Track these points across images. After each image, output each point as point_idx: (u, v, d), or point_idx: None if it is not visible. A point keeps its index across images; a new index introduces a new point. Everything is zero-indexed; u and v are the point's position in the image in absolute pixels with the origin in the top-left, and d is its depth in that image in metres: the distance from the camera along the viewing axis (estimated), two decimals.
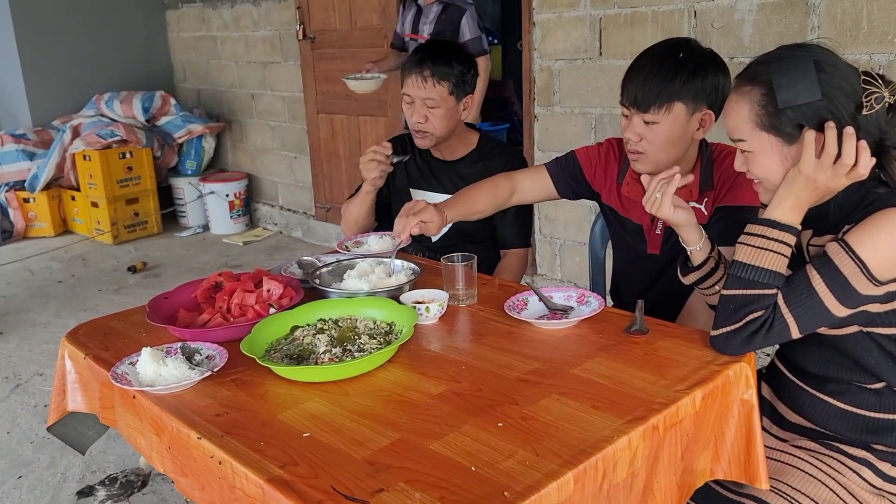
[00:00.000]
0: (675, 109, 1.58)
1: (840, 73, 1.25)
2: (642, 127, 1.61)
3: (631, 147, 1.65)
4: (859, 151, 1.21)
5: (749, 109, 1.29)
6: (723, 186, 1.70)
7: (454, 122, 2.15)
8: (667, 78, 1.56)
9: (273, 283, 1.64)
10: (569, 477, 1.02)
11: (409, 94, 2.12)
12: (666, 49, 1.62)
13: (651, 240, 1.81)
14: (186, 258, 4.91)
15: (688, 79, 1.56)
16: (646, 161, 1.65)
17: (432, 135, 2.13)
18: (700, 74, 1.57)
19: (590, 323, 1.53)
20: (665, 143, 1.61)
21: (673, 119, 1.59)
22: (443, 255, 1.72)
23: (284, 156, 5.29)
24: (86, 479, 2.42)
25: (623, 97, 1.64)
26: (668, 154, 1.63)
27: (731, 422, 1.32)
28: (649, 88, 1.57)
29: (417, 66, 2.08)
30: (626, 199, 1.82)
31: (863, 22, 2.42)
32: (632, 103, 1.61)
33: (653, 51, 1.64)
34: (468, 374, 1.33)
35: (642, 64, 1.61)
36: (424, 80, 2.07)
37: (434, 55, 2.09)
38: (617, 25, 3.08)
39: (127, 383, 1.32)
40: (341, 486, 1.02)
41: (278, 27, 4.95)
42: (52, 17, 5.47)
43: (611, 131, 3.19)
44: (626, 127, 1.65)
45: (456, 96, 2.10)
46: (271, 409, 1.25)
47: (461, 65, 2.10)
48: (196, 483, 1.21)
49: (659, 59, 1.60)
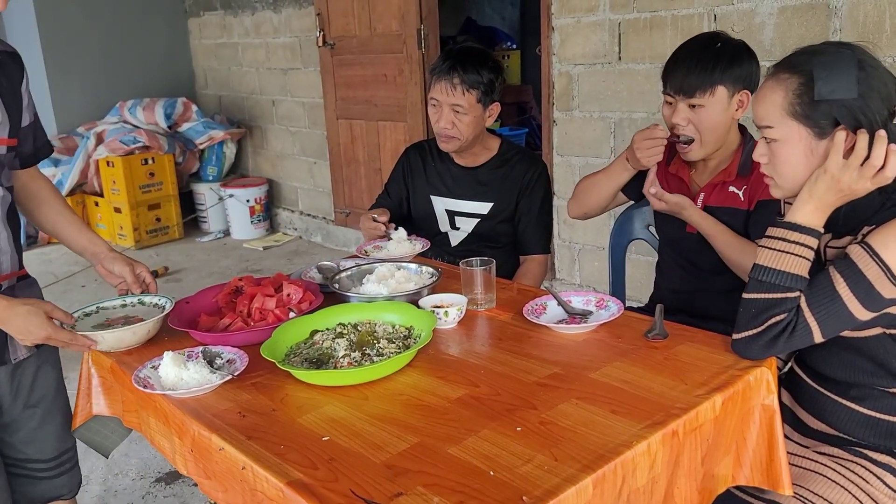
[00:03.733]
0: (718, 92, 1.71)
1: (880, 76, 1.24)
2: (688, 111, 1.75)
3: (682, 136, 1.78)
4: (889, 155, 1.20)
5: (783, 97, 1.29)
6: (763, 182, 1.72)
7: (480, 128, 2.16)
8: (708, 65, 1.70)
9: (293, 287, 1.65)
10: (588, 482, 1.02)
11: (437, 99, 2.11)
12: (703, 41, 1.78)
13: None
14: (207, 263, 4.96)
15: (727, 65, 1.70)
16: (696, 149, 1.78)
17: (458, 140, 2.14)
18: (737, 61, 1.72)
19: (609, 327, 1.53)
20: (711, 124, 1.74)
21: (716, 101, 1.72)
22: (462, 259, 1.72)
23: (304, 161, 5.32)
24: (108, 481, 2.45)
25: (667, 87, 1.78)
26: (715, 135, 1.76)
27: (753, 427, 1.31)
28: (694, 75, 1.71)
29: (447, 73, 2.07)
30: (672, 178, 1.93)
31: (885, 24, 2.39)
32: (678, 90, 1.75)
33: (691, 44, 1.78)
34: (487, 379, 1.34)
35: (683, 55, 1.75)
36: (454, 88, 2.07)
37: (464, 62, 2.08)
38: (636, 30, 3.07)
39: (149, 387, 1.34)
40: (360, 490, 1.03)
41: (298, 34, 4.99)
42: (76, 26, 5.56)
43: (630, 135, 3.18)
44: (670, 115, 1.79)
45: (483, 104, 2.11)
46: (291, 412, 1.26)
47: (490, 73, 2.10)
48: (219, 485, 1.22)
49: (699, 50, 1.74)
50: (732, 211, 1.81)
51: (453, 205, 2.27)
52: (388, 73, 4.38)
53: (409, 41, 4.16)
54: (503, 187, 2.21)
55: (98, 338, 1.49)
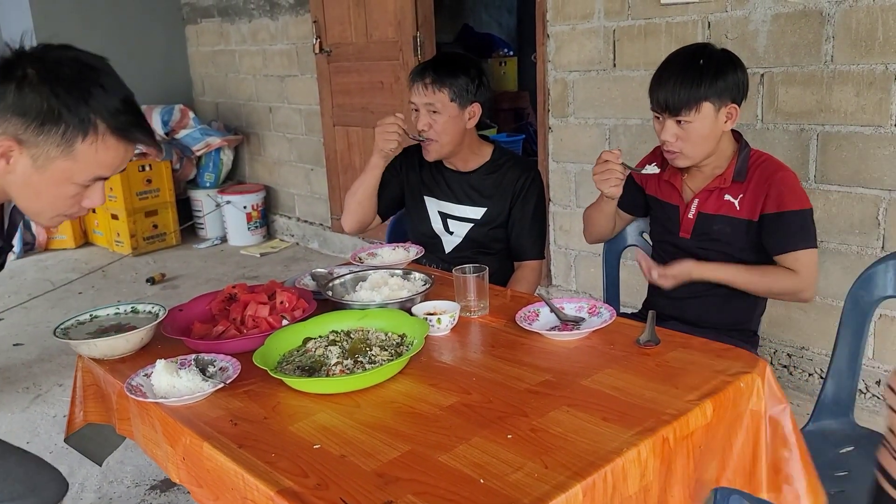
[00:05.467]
0: (704, 108, 1.73)
1: None
2: (676, 128, 1.76)
3: (668, 147, 1.80)
4: None
5: None
6: (768, 196, 1.78)
7: (459, 130, 2.16)
8: (693, 84, 1.72)
9: (286, 294, 1.65)
10: (577, 489, 1.02)
11: (414, 102, 2.16)
12: (686, 56, 1.78)
13: (684, 223, 1.91)
14: (204, 270, 4.96)
15: (712, 80, 1.72)
16: (683, 158, 1.80)
17: (437, 143, 2.14)
18: (721, 75, 1.73)
19: (601, 334, 1.53)
20: (698, 139, 1.76)
21: (703, 117, 1.74)
22: (455, 266, 1.72)
23: (301, 168, 5.33)
24: (103, 489, 2.45)
25: (653, 104, 1.79)
26: (702, 148, 1.79)
27: (741, 432, 1.31)
28: (678, 95, 1.73)
29: (420, 74, 2.13)
30: (664, 184, 1.97)
31: (878, 32, 2.40)
32: (663, 109, 1.76)
33: (674, 60, 1.80)
34: (478, 386, 1.34)
35: (667, 74, 1.76)
36: (426, 87, 2.11)
37: (436, 63, 2.14)
38: (631, 37, 3.08)
39: (141, 395, 1.34)
40: (350, 499, 1.03)
41: (295, 41, 5.00)
42: (73, 33, 5.51)
43: (625, 142, 3.19)
44: (660, 130, 1.81)
45: (459, 104, 2.12)
46: (283, 420, 1.26)
47: (465, 74, 2.11)
48: (210, 494, 1.22)
49: (682, 68, 1.75)
50: (727, 219, 1.82)
51: (446, 208, 2.27)
52: (384, 81, 4.39)
53: (406, 48, 4.17)
54: (496, 193, 2.22)
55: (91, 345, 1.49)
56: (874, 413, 2.64)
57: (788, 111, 2.68)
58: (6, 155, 1.23)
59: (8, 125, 1.21)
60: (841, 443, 1.68)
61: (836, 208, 2.62)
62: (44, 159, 1.23)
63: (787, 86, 2.66)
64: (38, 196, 1.28)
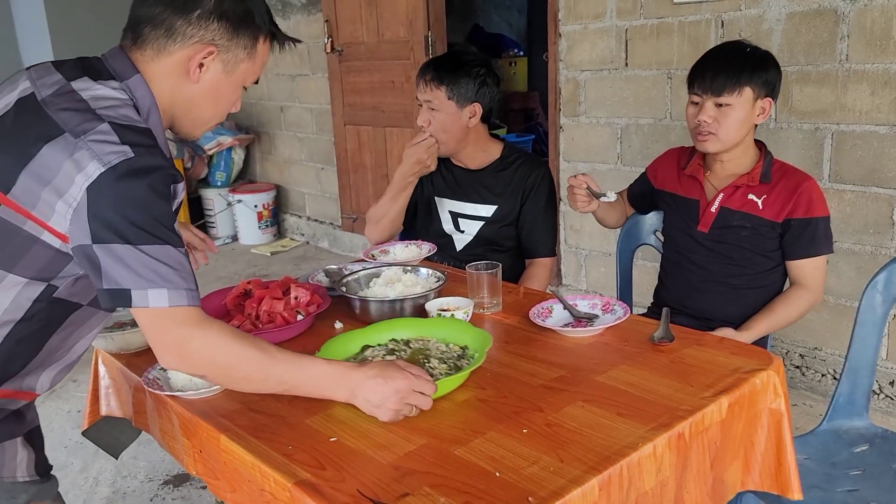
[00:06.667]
0: (745, 93, 1.78)
1: None
2: (714, 110, 1.80)
3: (703, 129, 1.82)
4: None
5: None
6: (797, 202, 1.82)
7: (457, 128, 2.15)
8: (737, 67, 1.78)
9: (300, 290, 1.66)
10: (594, 483, 1.03)
11: (418, 99, 2.18)
12: (733, 46, 1.87)
13: (704, 217, 1.92)
14: (215, 268, 4.98)
15: (755, 69, 1.78)
16: (715, 141, 1.83)
17: (435, 139, 2.16)
18: (764, 67, 1.80)
19: (615, 331, 1.53)
20: (734, 123, 1.80)
21: (743, 101, 1.78)
22: (468, 263, 1.73)
23: (312, 167, 5.35)
24: (117, 484, 2.46)
25: (695, 86, 1.83)
26: (736, 133, 1.82)
27: (761, 431, 1.31)
28: (723, 75, 1.77)
29: (423, 71, 2.15)
30: (686, 179, 2.00)
31: (893, 31, 2.39)
32: (706, 89, 1.80)
33: (719, 49, 1.88)
34: (493, 382, 1.34)
35: (713, 57, 1.84)
36: (426, 84, 2.13)
37: (440, 61, 2.16)
38: (643, 36, 3.07)
39: (158, 388, 1.35)
40: (367, 490, 1.03)
41: (306, 40, 5.02)
42: (87, 30, 5.58)
43: (636, 142, 3.19)
44: (695, 114, 1.84)
45: (456, 102, 2.11)
46: (299, 413, 1.26)
47: (466, 73, 2.11)
48: (227, 486, 1.23)
49: (728, 53, 1.83)
50: (749, 217, 1.86)
51: (457, 206, 2.28)
52: (395, 80, 4.40)
53: (417, 48, 4.18)
54: (507, 191, 2.22)
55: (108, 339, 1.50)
56: (887, 414, 2.63)
57: (803, 110, 2.67)
58: (204, 61, 1.23)
59: (206, 32, 1.22)
60: (855, 441, 1.68)
61: (850, 208, 2.61)
62: (233, 63, 1.26)
63: (801, 85, 2.65)
64: (218, 102, 1.30)
